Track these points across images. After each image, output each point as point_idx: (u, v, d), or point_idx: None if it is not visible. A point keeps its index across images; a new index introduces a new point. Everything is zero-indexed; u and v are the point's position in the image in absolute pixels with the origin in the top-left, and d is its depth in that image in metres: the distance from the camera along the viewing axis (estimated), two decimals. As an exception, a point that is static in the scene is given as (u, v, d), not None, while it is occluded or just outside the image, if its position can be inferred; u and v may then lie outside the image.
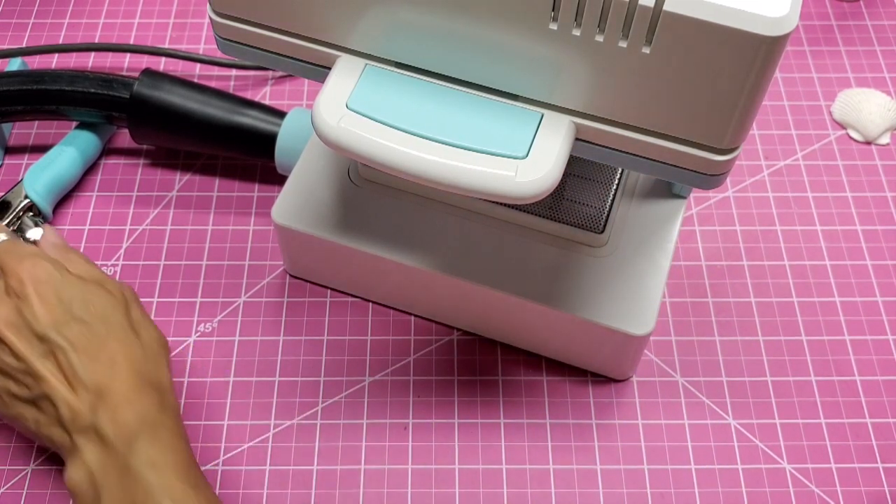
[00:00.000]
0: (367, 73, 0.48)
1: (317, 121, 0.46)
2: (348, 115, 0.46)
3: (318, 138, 0.47)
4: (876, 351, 0.68)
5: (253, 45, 0.50)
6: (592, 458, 0.64)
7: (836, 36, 0.86)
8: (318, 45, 0.49)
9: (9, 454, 0.64)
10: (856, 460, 0.64)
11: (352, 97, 0.47)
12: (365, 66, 0.48)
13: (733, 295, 0.71)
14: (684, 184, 0.50)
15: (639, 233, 0.65)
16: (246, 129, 0.72)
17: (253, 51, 0.51)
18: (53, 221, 0.74)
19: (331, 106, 0.46)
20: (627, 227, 0.65)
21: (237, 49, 0.51)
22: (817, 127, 0.80)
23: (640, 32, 0.42)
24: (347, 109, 0.46)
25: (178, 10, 0.88)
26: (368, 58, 0.48)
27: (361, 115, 0.46)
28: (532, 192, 0.45)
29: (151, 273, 0.71)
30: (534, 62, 0.45)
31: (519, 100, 0.47)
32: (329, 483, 0.63)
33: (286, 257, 0.70)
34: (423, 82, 0.48)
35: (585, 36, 0.43)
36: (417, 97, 0.47)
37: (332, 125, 0.46)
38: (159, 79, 0.72)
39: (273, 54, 0.51)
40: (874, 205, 0.75)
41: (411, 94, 0.47)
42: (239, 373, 0.67)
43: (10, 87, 0.72)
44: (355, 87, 0.47)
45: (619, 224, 0.65)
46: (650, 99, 0.45)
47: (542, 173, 0.45)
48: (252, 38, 0.50)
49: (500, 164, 0.45)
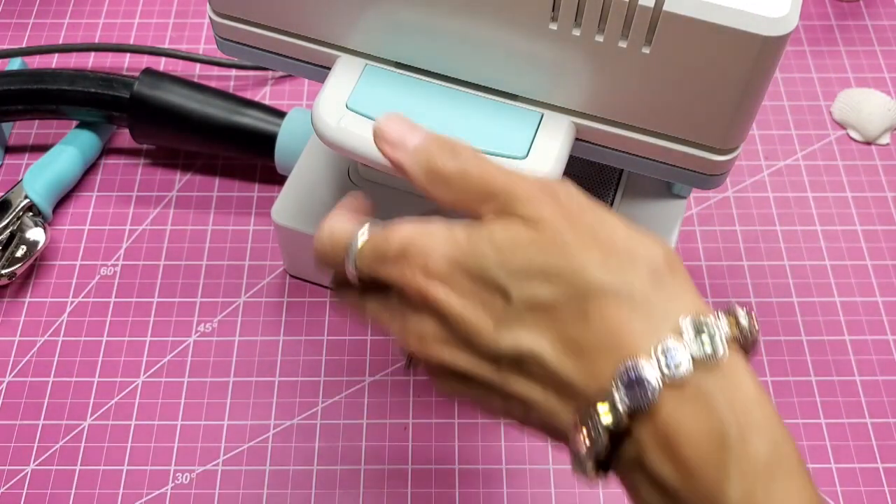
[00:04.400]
0: (367, 72, 0.47)
1: (316, 121, 0.46)
2: (348, 115, 0.46)
3: (318, 138, 0.47)
4: (876, 351, 0.68)
5: (252, 45, 0.51)
6: (592, 458, 0.64)
7: (836, 36, 0.86)
8: (318, 46, 0.49)
9: (9, 454, 0.64)
10: (856, 460, 0.64)
11: (351, 97, 0.47)
12: (364, 65, 0.48)
13: (733, 295, 0.71)
14: (684, 184, 0.50)
15: None
16: (246, 129, 0.72)
17: (252, 51, 0.51)
18: (53, 221, 0.74)
19: (330, 106, 0.46)
20: None
21: (237, 49, 0.51)
22: (817, 127, 0.80)
23: (639, 33, 0.42)
24: (347, 109, 0.46)
25: (177, 10, 0.87)
26: (368, 57, 0.48)
27: (361, 115, 0.46)
28: None
29: (151, 273, 0.71)
30: (533, 62, 0.45)
31: (518, 100, 0.47)
32: (329, 483, 0.63)
33: (286, 257, 0.70)
34: (422, 82, 0.48)
35: (585, 36, 0.43)
36: (417, 97, 0.47)
37: (332, 125, 0.46)
38: (159, 78, 0.72)
39: (272, 54, 0.51)
40: (874, 205, 0.75)
41: (411, 94, 0.47)
42: (239, 373, 0.67)
43: (11, 87, 0.72)
44: (355, 87, 0.47)
45: None
46: (650, 99, 0.45)
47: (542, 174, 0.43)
48: (251, 38, 0.50)
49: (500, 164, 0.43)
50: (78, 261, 0.72)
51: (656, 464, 0.33)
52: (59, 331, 0.69)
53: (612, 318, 0.34)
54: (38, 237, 0.70)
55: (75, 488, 0.62)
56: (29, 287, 0.71)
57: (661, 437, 0.33)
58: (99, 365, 0.67)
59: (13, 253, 0.69)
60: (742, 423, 0.32)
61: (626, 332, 0.33)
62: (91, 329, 0.69)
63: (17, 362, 0.67)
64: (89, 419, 0.65)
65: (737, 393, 0.33)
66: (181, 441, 0.64)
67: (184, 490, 0.62)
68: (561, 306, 0.34)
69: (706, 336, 0.33)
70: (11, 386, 0.66)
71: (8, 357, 0.68)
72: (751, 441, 0.32)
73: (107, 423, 0.65)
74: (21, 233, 0.70)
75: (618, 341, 0.33)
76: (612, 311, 0.34)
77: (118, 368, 0.67)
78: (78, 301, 0.70)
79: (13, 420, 0.65)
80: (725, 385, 0.33)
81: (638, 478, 0.35)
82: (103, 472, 0.63)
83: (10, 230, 0.69)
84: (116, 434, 0.64)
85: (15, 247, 0.69)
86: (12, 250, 0.69)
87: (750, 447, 0.32)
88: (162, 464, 0.63)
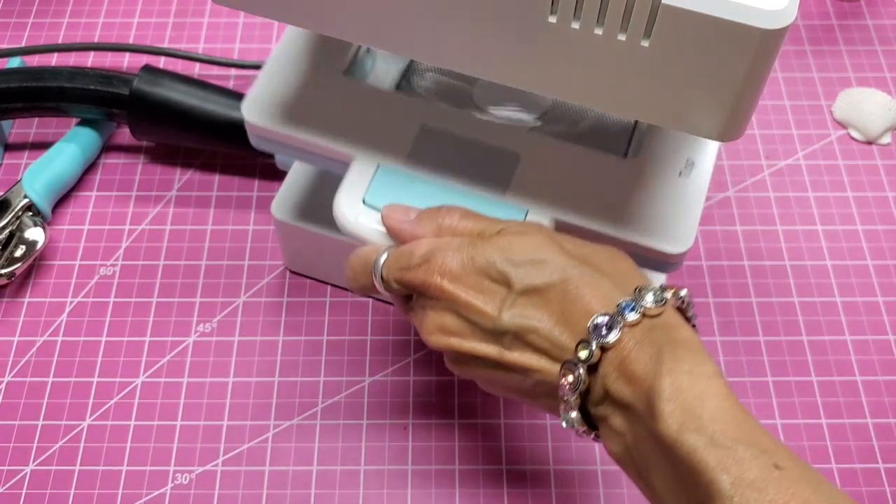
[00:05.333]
0: (380, 172, 0.56)
1: (338, 214, 0.54)
2: (365, 210, 0.54)
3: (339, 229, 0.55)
4: (877, 351, 0.68)
5: (284, 143, 0.59)
6: (592, 458, 0.64)
7: (836, 35, 0.86)
8: (338, 147, 0.57)
9: (8, 454, 0.63)
10: (856, 461, 0.64)
11: (367, 193, 0.55)
12: (378, 166, 0.56)
13: (734, 295, 0.70)
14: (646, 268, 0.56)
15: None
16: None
17: (284, 148, 0.59)
18: (52, 221, 0.74)
19: (350, 201, 0.54)
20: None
21: (270, 146, 0.60)
22: (818, 126, 0.80)
23: (639, 25, 0.42)
24: (364, 205, 0.54)
25: (177, 9, 0.87)
26: (381, 158, 0.56)
27: (376, 209, 0.54)
28: None
29: (151, 273, 0.71)
30: (532, 55, 0.45)
31: (508, 194, 0.55)
32: (329, 483, 0.63)
33: (286, 254, 0.70)
34: (427, 182, 0.55)
35: (584, 29, 0.43)
36: (423, 194, 0.54)
37: (352, 220, 0.54)
38: (159, 75, 0.73)
39: (300, 151, 0.59)
40: (875, 204, 0.75)
41: (418, 192, 0.55)
42: (238, 373, 0.67)
43: (10, 84, 0.72)
44: (370, 185, 0.55)
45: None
46: (648, 92, 0.45)
47: None
48: (283, 139, 0.59)
49: None
50: (77, 260, 0.72)
51: (616, 386, 0.44)
52: (58, 331, 0.69)
53: (586, 294, 0.45)
54: (38, 237, 0.70)
55: (75, 488, 0.62)
56: (28, 287, 0.71)
57: (618, 363, 0.44)
58: (98, 365, 0.67)
59: (12, 253, 0.69)
60: (674, 348, 0.43)
61: (596, 300, 0.45)
62: (90, 329, 0.69)
63: (17, 362, 0.67)
64: (89, 419, 0.65)
65: (672, 332, 0.44)
66: (181, 441, 0.64)
67: (183, 490, 0.62)
68: (550, 288, 0.46)
69: (650, 296, 0.44)
70: (11, 386, 0.66)
71: (7, 357, 0.67)
72: (681, 357, 0.42)
73: (106, 423, 0.65)
74: (20, 232, 0.70)
75: (590, 308, 0.45)
76: (586, 289, 0.45)
77: (117, 368, 0.67)
78: (77, 301, 0.70)
79: (12, 420, 0.65)
80: (664, 327, 0.44)
81: (606, 410, 0.45)
82: (102, 473, 0.63)
83: (9, 230, 0.69)
84: (116, 434, 0.64)
85: (14, 246, 0.69)
86: (11, 250, 0.69)
87: (680, 362, 0.42)
88: (161, 464, 0.63)
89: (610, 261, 0.48)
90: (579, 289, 0.45)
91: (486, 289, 0.47)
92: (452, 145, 0.57)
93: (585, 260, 0.47)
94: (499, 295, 0.46)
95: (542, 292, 0.46)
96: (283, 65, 0.61)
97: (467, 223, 0.50)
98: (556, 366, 0.45)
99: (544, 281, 0.46)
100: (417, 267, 0.48)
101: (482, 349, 0.47)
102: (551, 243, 0.47)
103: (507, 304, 0.46)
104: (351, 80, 0.60)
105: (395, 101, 0.59)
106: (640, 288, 0.45)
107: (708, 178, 0.57)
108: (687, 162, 0.58)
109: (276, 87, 0.59)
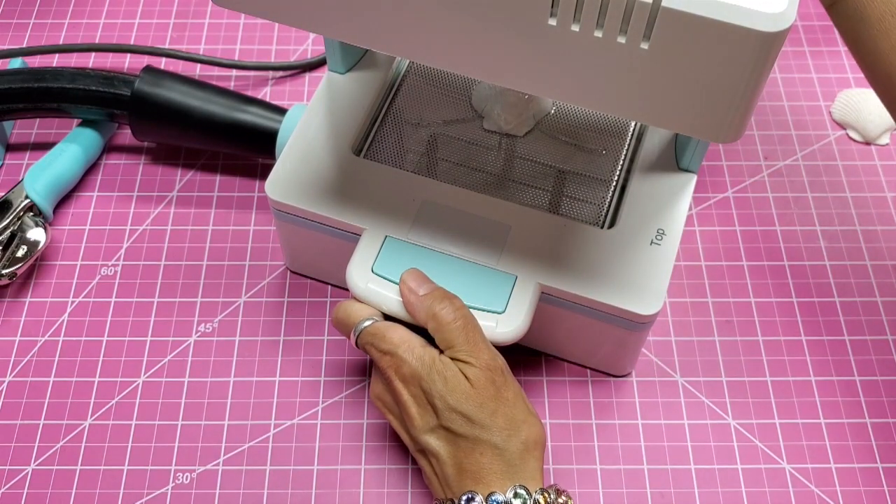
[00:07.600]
0: (387, 244, 0.62)
1: (350, 283, 0.60)
2: (374, 278, 0.60)
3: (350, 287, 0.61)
4: (875, 351, 0.68)
5: (302, 216, 0.65)
6: (592, 458, 0.64)
7: (835, 36, 0.86)
8: (350, 220, 0.63)
9: (9, 454, 0.64)
10: (855, 460, 0.64)
11: (376, 263, 0.61)
12: (385, 237, 0.62)
13: (733, 295, 0.71)
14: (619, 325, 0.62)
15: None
16: (247, 126, 0.72)
17: (302, 220, 0.65)
18: (54, 221, 0.74)
19: (361, 270, 0.61)
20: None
21: (289, 218, 0.66)
22: (817, 127, 0.80)
23: (638, 28, 0.42)
24: (373, 273, 0.60)
25: (178, 10, 0.88)
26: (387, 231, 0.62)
27: (384, 278, 0.60)
28: (508, 340, 0.59)
29: (152, 273, 0.72)
30: (532, 57, 0.46)
31: (501, 262, 0.61)
32: (329, 483, 0.63)
33: (286, 254, 0.70)
34: (430, 252, 0.61)
35: (584, 31, 0.43)
36: (426, 264, 0.60)
37: (362, 287, 0.60)
38: (160, 76, 0.73)
39: (316, 223, 0.65)
40: (873, 205, 0.75)
41: (421, 262, 0.60)
42: (239, 373, 0.67)
43: (12, 85, 0.72)
44: (378, 256, 0.61)
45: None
46: (648, 94, 0.45)
47: (515, 325, 0.59)
48: (301, 213, 0.64)
49: (485, 316, 0.59)
50: (78, 261, 0.72)
51: None
52: (59, 331, 0.69)
53: (486, 463, 0.53)
54: (39, 237, 0.70)
55: (76, 488, 0.62)
56: (30, 287, 0.71)
57: None
58: (99, 365, 0.67)
59: (14, 253, 0.69)
60: None
61: (486, 474, 0.53)
62: (92, 329, 0.69)
63: (18, 362, 0.67)
64: (90, 419, 0.65)
65: None
66: (182, 441, 0.64)
67: (184, 490, 0.62)
68: (464, 439, 0.54)
69: (520, 501, 0.52)
70: (12, 386, 0.66)
71: (9, 357, 0.68)
72: None
73: (107, 422, 0.65)
74: (22, 233, 0.70)
75: (479, 477, 0.53)
76: (487, 458, 0.53)
77: (119, 368, 0.67)
78: (79, 301, 0.70)
79: (14, 420, 0.65)
80: None
81: None
82: (104, 472, 0.63)
83: (10, 230, 0.70)
84: (117, 434, 0.65)
85: (16, 247, 0.69)
86: (13, 250, 0.69)
87: None
88: (162, 464, 0.63)
89: (525, 445, 0.54)
90: (481, 457, 0.53)
91: (422, 404, 0.55)
92: (451, 218, 0.63)
93: (508, 436, 0.54)
94: (429, 417, 0.55)
95: (456, 440, 0.54)
96: (298, 148, 0.66)
97: (445, 333, 0.56)
98: (442, 490, 0.55)
99: (462, 432, 0.54)
100: (382, 353, 0.57)
101: (402, 436, 0.58)
102: (491, 403, 0.54)
103: (432, 427, 0.55)
104: (358, 160, 0.66)
105: (398, 178, 0.65)
106: (522, 488, 0.52)
107: (677, 244, 0.63)
108: (658, 231, 0.63)
109: (294, 168, 0.65)
